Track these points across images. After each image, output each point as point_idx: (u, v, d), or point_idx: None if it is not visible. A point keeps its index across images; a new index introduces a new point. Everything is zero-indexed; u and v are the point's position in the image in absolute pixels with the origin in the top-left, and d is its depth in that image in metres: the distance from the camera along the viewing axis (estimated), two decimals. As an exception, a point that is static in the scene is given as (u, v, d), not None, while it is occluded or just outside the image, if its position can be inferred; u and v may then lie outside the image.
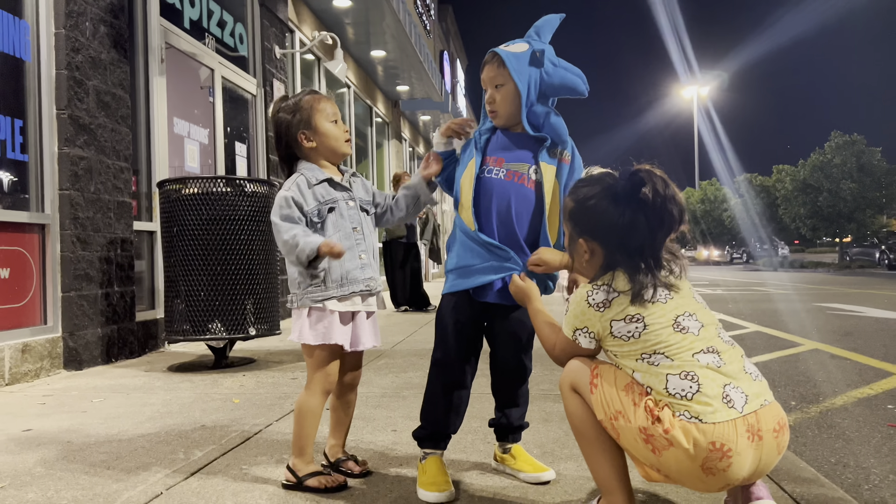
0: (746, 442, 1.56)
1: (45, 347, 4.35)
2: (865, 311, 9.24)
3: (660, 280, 1.69)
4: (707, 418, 1.55)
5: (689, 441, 1.55)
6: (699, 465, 1.56)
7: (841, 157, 31.71)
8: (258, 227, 4.60)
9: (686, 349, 1.63)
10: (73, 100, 4.58)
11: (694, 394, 1.58)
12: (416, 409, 3.30)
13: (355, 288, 2.21)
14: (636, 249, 1.70)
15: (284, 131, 2.25)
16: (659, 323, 1.66)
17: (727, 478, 1.58)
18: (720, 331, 1.73)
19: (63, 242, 4.53)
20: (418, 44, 12.67)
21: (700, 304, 1.74)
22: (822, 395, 4.14)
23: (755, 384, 1.65)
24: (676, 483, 1.66)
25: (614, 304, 1.68)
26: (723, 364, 1.63)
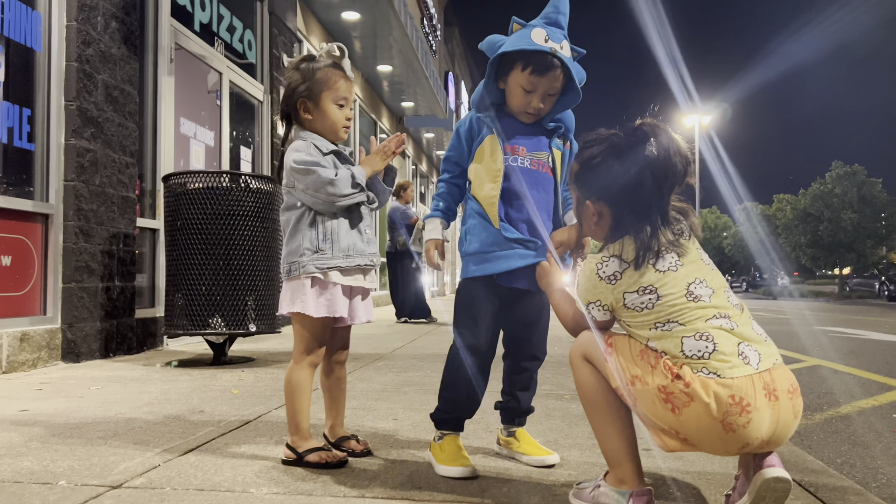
0: (764, 399, 1.55)
1: (43, 338, 4.31)
2: (867, 335, 9.20)
3: (668, 242, 1.67)
4: (725, 373, 1.54)
5: (710, 395, 1.53)
6: (719, 422, 1.53)
7: (842, 187, 31.85)
8: (262, 224, 4.59)
9: (699, 317, 1.62)
10: (81, 92, 4.59)
11: (711, 353, 1.57)
12: (416, 401, 3.28)
13: (360, 261, 2.19)
14: (644, 207, 1.68)
15: (289, 93, 2.22)
16: (672, 294, 1.64)
17: (747, 436, 1.54)
18: (728, 293, 1.71)
19: (66, 233, 4.51)
20: (425, 59, 12.76)
21: (708, 267, 1.73)
22: (827, 404, 4.10)
23: (765, 345, 1.64)
24: (695, 448, 1.62)
25: (625, 276, 1.66)
26: (735, 326, 1.62)
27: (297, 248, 2.16)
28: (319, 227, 2.15)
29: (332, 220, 2.16)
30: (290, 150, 2.17)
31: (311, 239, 2.14)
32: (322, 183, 2.08)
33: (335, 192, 2.09)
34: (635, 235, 1.67)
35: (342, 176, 2.10)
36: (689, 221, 1.74)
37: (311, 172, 2.08)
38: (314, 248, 2.14)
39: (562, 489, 1.94)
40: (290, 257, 2.18)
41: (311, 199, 2.13)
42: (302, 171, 2.10)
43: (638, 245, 1.66)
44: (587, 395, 1.77)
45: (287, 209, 2.21)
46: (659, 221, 1.68)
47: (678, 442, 1.62)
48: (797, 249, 33.92)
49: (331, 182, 2.08)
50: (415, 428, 2.72)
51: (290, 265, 2.17)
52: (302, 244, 2.15)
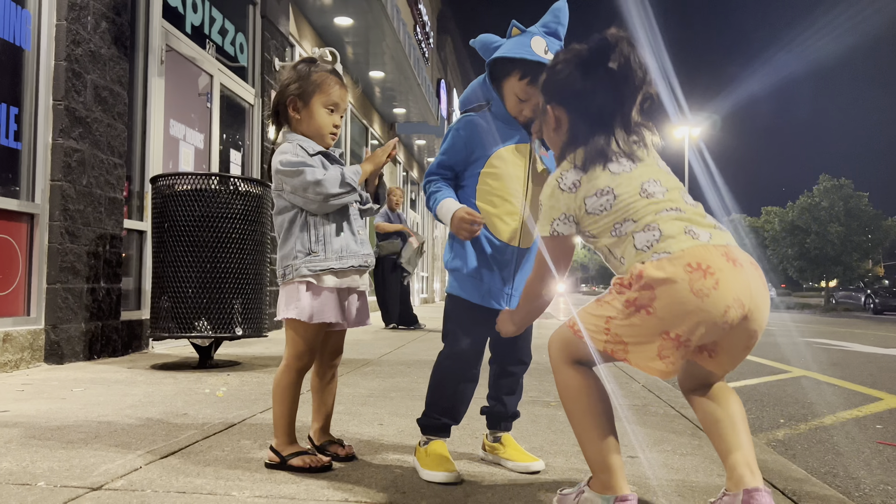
0: (725, 262, 1.57)
1: (26, 339, 4.27)
2: (852, 346, 9.27)
3: (622, 149, 1.72)
4: (672, 248, 1.59)
5: (665, 271, 1.56)
6: (689, 291, 1.54)
7: (829, 200, 32.12)
8: (250, 227, 4.57)
9: (651, 211, 1.67)
10: (70, 91, 4.56)
11: (657, 240, 1.63)
12: (402, 407, 3.27)
13: (354, 262, 2.18)
14: (599, 114, 1.73)
15: (282, 90, 2.21)
16: (627, 192, 1.69)
17: (723, 298, 1.54)
18: (684, 194, 1.75)
19: (51, 233, 4.48)
20: (417, 66, 12.78)
21: (664, 171, 1.77)
22: (811, 414, 4.12)
23: (719, 231, 1.67)
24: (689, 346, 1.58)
25: (583, 183, 1.72)
26: (686, 216, 1.67)
27: (290, 252, 2.15)
28: (311, 230, 2.14)
29: (324, 222, 2.15)
30: (276, 153, 2.16)
31: (304, 241, 2.13)
32: (309, 183, 2.06)
33: (323, 192, 2.06)
34: (590, 139, 1.72)
35: (331, 175, 2.08)
36: (649, 135, 1.78)
37: (298, 173, 2.07)
38: (306, 251, 2.13)
39: (546, 495, 1.94)
40: (283, 261, 2.17)
41: (302, 201, 2.11)
42: (289, 172, 2.08)
43: (589, 148, 1.71)
44: (569, 398, 1.76)
45: (279, 213, 2.19)
46: (615, 128, 1.73)
47: (673, 353, 1.58)
48: (784, 262, 34.15)
49: (318, 182, 2.06)
50: (400, 433, 2.71)
51: (284, 269, 2.16)
52: (295, 247, 2.14)
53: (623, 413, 3.30)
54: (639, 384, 4.29)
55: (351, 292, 2.23)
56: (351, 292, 2.23)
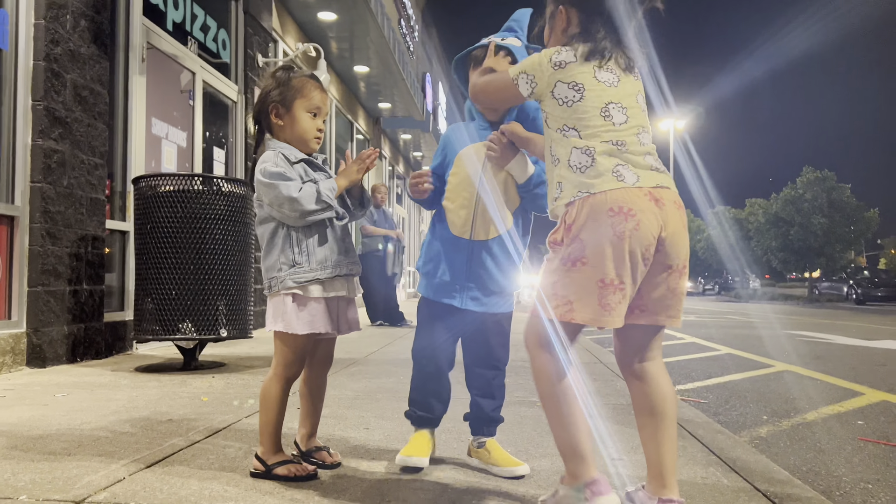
0: (647, 202, 1.68)
1: (7, 343, 4.22)
2: (835, 339, 9.37)
3: (618, 53, 1.80)
4: (595, 189, 1.70)
5: (586, 215, 1.68)
6: (613, 234, 1.65)
7: (812, 192, 32.38)
8: (234, 228, 4.54)
9: (598, 136, 1.75)
10: (49, 92, 4.50)
11: (587, 168, 1.73)
12: (388, 409, 3.26)
13: (339, 271, 2.17)
14: (611, 16, 1.82)
15: (263, 97, 2.19)
16: (591, 102, 1.77)
17: (645, 235, 1.65)
18: (642, 134, 1.80)
19: (32, 236, 4.42)
20: (401, 61, 12.74)
21: (639, 107, 1.83)
22: (794, 410, 4.16)
23: (654, 173, 1.75)
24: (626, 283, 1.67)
25: (568, 68, 1.79)
26: (625, 153, 1.74)
27: (275, 264, 2.13)
28: (294, 241, 2.12)
29: (308, 233, 2.13)
30: (259, 161, 2.15)
31: (287, 253, 2.12)
32: (285, 199, 2.05)
33: (299, 209, 2.05)
34: (598, 35, 1.80)
35: (306, 192, 2.06)
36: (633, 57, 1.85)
37: (274, 187, 2.05)
38: (290, 263, 2.12)
39: (531, 501, 1.94)
40: (268, 272, 2.15)
41: (278, 214, 2.11)
42: (266, 184, 2.07)
43: (596, 42, 1.80)
44: (542, 384, 1.80)
45: (261, 222, 2.18)
46: (623, 33, 1.82)
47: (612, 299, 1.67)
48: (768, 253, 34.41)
49: (293, 199, 2.04)
50: (386, 438, 2.71)
51: (269, 281, 2.15)
52: (279, 259, 2.13)
53: (608, 413, 3.31)
54: (623, 382, 4.31)
55: (339, 300, 2.22)
56: (339, 300, 2.22)
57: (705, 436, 2.83)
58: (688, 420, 3.15)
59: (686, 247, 1.75)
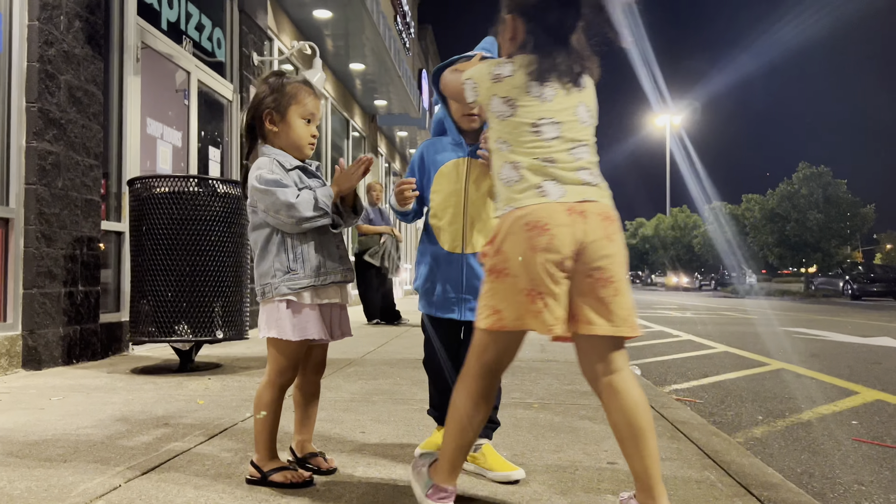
0: (566, 216, 1.72)
1: (2, 345, 4.21)
2: (830, 336, 9.40)
3: (564, 69, 1.80)
4: (517, 203, 1.75)
5: (508, 229, 1.74)
6: (528, 248, 1.71)
7: (808, 187, 32.47)
8: (229, 229, 4.54)
9: (527, 152, 1.78)
10: (43, 93, 4.49)
11: (514, 182, 1.78)
12: (385, 412, 3.27)
13: (333, 278, 2.17)
14: (554, 30, 1.81)
15: (256, 104, 2.20)
16: (523, 118, 1.79)
17: (558, 249, 1.70)
18: (577, 149, 1.80)
19: (27, 238, 4.42)
20: (397, 58, 12.72)
21: (575, 119, 1.82)
22: (789, 410, 4.18)
23: (583, 188, 1.77)
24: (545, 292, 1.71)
25: (505, 82, 1.81)
26: (553, 168, 1.76)
27: (269, 270, 2.13)
28: (289, 247, 2.12)
29: (302, 239, 2.13)
30: (253, 167, 2.14)
31: (282, 259, 2.12)
32: (282, 204, 2.05)
33: (296, 215, 2.06)
34: (539, 51, 1.81)
35: (303, 199, 2.06)
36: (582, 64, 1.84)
37: (270, 193, 2.05)
38: (285, 269, 2.11)
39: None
40: (262, 279, 2.15)
41: (273, 220, 2.10)
42: (262, 190, 2.07)
43: (532, 56, 1.80)
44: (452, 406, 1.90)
45: (254, 229, 2.18)
46: (563, 47, 1.81)
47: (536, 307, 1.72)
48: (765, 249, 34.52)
49: (291, 205, 2.04)
50: (382, 442, 2.71)
51: (263, 287, 2.15)
52: (273, 265, 2.12)
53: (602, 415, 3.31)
54: (620, 382, 4.32)
55: (332, 307, 2.22)
56: (332, 307, 2.22)
57: (700, 438, 2.84)
58: (683, 422, 3.16)
59: (615, 257, 1.76)
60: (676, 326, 10.80)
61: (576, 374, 4.63)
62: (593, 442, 2.77)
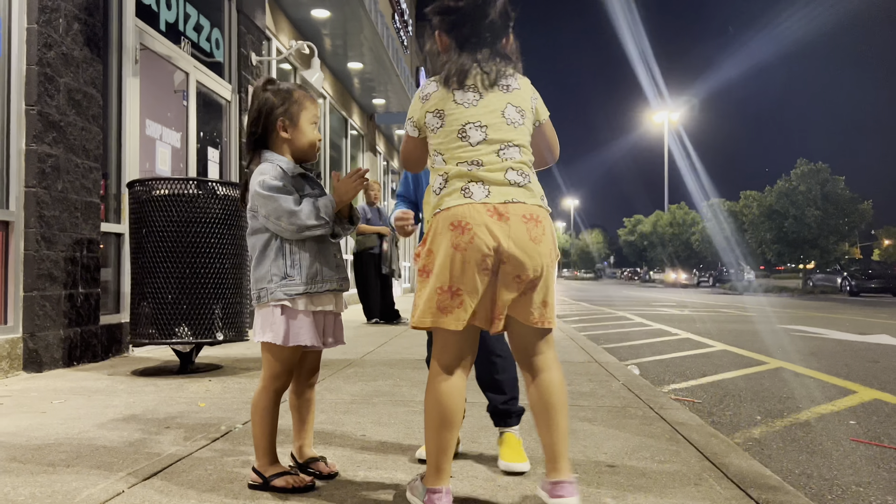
0: (487, 217, 1.81)
1: (3, 348, 4.23)
2: (828, 334, 9.42)
3: (478, 76, 1.91)
4: (443, 206, 1.86)
5: (435, 230, 1.86)
6: (451, 246, 1.82)
7: (806, 184, 32.43)
8: (229, 231, 4.55)
9: (456, 158, 1.89)
10: (43, 96, 4.50)
11: (442, 188, 1.89)
12: (385, 415, 3.28)
13: (329, 286, 2.18)
14: (466, 38, 1.95)
15: (267, 112, 2.20)
16: (450, 126, 1.91)
17: (478, 248, 1.80)
18: (505, 149, 1.91)
19: (27, 241, 4.42)
20: (395, 57, 12.71)
21: (502, 121, 1.92)
22: (787, 410, 4.20)
23: (510, 188, 1.87)
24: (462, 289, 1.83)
25: (432, 98, 1.94)
26: (478, 171, 1.87)
27: (266, 275, 2.14)
28: (287, 253, 2.14)
29: (300, 246, 2.15)
30: (256, 173, 2.16)
31: (279, 265, 2.13)
32: (284, 212, 2.07)
33: (297, 223, 2.08)
34: (455, 58, 1.94)
35: (305, 207, 2.09)
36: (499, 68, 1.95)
37: (273, 199, 2.08)
38: (282, 275, 2.13)
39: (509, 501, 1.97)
40: (258, 283, 2.16)
41: (274, 226, 2.12)
42: (265, 196, 2.08)
43: (450, 65, 1.93)
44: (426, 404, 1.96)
45: (253, 233, 2.19)
46: (477, 58, 1.93)
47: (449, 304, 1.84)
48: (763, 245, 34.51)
49: (293, 212, 2.07)
50: (383, 445, 2.72)
51: (258, 291, 2.16)
52: (270, 270, 2.14)
53: (601, 416, 3.34)
54: (619, 382, 4.34)
55: (326, 315, 2.23)
56: (326, 315, 2.23)
57: (699, 440, 2.86)
58: (681, 423, 3.18)
59: (537, 257, 1.85)
60: (675, 324, 10.83)
61: (574, 374, 4.65)
62: (592, 444, 2.78)
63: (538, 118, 2.06)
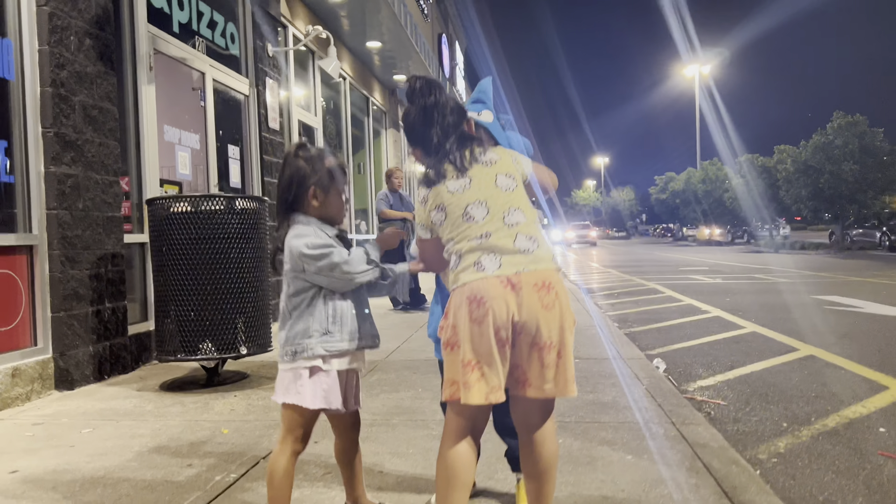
0: (501, 290, 1.89)
1: (35, 370, 4.33)
2: (863, 307, 9.21)
3: (457, 167, 2.03)
4: (460, 281, 1.95)
5: (454, 305, 1.95)
6: (469, 320, 1.89)
7: (843, 138, 31.46)
8: (248, 245, 4.58)
9: (466, 237, 1.99)
10: (58, 117, 4.52)
11: (458, 265, 1.99)
12: (404, 442, 3.30)
13: (365, 343, 2.25)
14: (431, 142, 2.08)
15: (299, 180, 2.23)
16: (454, 214, 2.01)
17: (495, 321, 1.88)
18: (510, 213, 2.00)
19: (52, 262, 4.50)
20: (414, 35, 12.53)
21: (497, 189, 2.03)
22: (815, 413, 4.13)
23: (519, 256, 1.94)
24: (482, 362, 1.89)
25: (429, 199, 2.05)
26: (489, 241, 1.96)
27: (305, 330, 2.17)
28: (329, 310, 2.19)
29: (342, 303, 2.20)
30: (293, 237, 2.19)
31: (321, 320, 2.18)
32: (336, 264, 2.14)
33: (351, 271, 2.16)
34: (430, 162, 2.08)
35: (355, 255, 2.18)
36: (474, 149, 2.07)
37: (324, 256, 2.14)
38: (323, 330, 2.17)
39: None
40: (295, 339, 2.18)
41: (326, 280, 2.17)
42: (314, 255, 2.14)
43: (429, 169, 2.06)
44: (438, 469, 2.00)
45: (296, 293, 2.21)
46: (447, 150, 2.06)
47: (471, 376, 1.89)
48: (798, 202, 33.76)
49: (346, 261, 2.15)
50: (400, 483, 2.75)
51: (294, 347, 2.18)
52: (311, 326, 2.17)
53: (621, 436, 3.32)
54: (642, 387, 4.31)
55: (350, 373, 2.27)
56: (350, 373, 2.27)
57: (720, 469, 2.83)
58: (703, 445, 3.14)
59: (551, 324, 1.91)
60: (706, 298, 10.68)
61: (599, 377, 4.62)
62: (610, 478, 2.77)
63: (524, 173, 2.14)
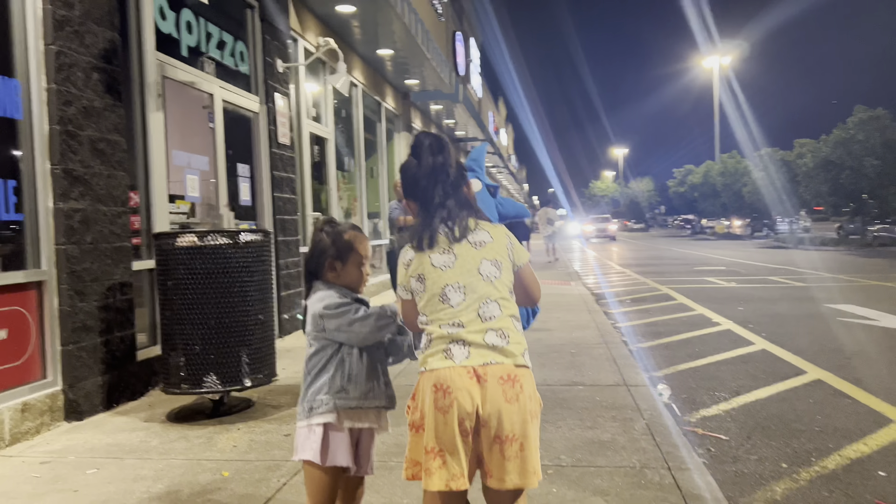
0: (467, 381, 1.91)
1: (44, 403, 4.43)
2: (879, 319, 9.11)
3: (449, 236, 2.03)
4: (428, 366, 1.98)
5: (421, 389, 1.98)
6: (434, 409, 1.92)
7: (864, 132, 30.99)
8: (252, 278, 4.64)
9: (439, 320, 2.00)
10: (66, 153, 4.60)
11: (427, 346, 2.01)
12: (400, 489, 3.33)
13: (378, 402, 2.36)
14: (424, 200, 2.09)
15: (319, 252, 2.42)
16: (431, 290, 2.02)
17: (459, 411, 1.90)
18: (485, 305, 2.00)
19: (61, 297, 4.58)
20: (425, 42, 12.51)
21: (477, 277, 2.02)
22: (816, 452, 4.12)
23: (486, 350, 1.96)
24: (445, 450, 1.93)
25: (412, 265, 2.07)
26: (460, 332, 1.97)
27: (322, 387, 2.32)
28: (346, 370, 2.33)
29: (358, 363, 2.34)
30: (315, 300, 2.36)
31: (336, 379, 2.32)
32: (356, 319, 2.28)
33: (370, 323, 2.29)
34: (421, 224, 2.08)
35: (373, 310, 2.32)
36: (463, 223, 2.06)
37: (342, 314, 2.29)
38: (338, 388, 2.31)
39: None
40: (312, 395, 2.33)
41: (345, 336, 2.31)
42: (334, 314, 2.29)
43: (420, 233, 2.06)
44: None
45: (315, 353, 2.37)
46: (444, 216, 2.06)
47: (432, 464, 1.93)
48: (818, 198, 33.36)
49: (365, 316, 2.29)
50: (390, 542, 2.78)
51: (311, 403, 2.33)
52: (326, 383, 2.32)
53: (616, 484, 3.33)
54: (642, 423, 4.31)
55: (364, 431, 2.40)
56: (364, 431, 2.40)
57: (709, 528, 2.84)
58: (697, 497, 3.16)
59: (513, 417, 1.92)
60: (718, 307, 10.60)
61: (601, 409, 4.64)
62: None
63: (517, 263, 2.13)
